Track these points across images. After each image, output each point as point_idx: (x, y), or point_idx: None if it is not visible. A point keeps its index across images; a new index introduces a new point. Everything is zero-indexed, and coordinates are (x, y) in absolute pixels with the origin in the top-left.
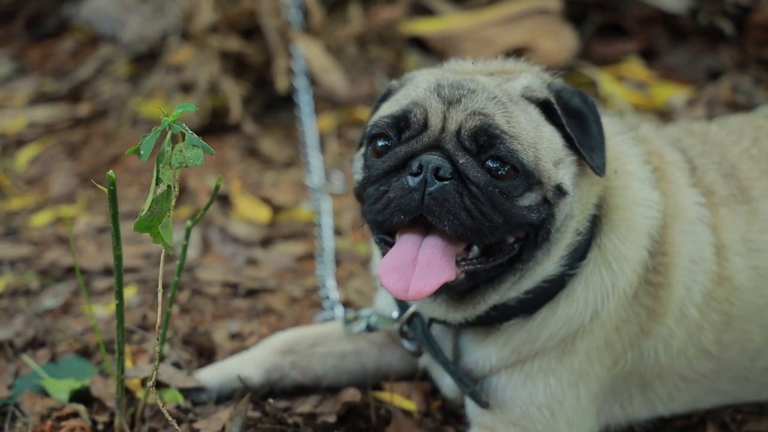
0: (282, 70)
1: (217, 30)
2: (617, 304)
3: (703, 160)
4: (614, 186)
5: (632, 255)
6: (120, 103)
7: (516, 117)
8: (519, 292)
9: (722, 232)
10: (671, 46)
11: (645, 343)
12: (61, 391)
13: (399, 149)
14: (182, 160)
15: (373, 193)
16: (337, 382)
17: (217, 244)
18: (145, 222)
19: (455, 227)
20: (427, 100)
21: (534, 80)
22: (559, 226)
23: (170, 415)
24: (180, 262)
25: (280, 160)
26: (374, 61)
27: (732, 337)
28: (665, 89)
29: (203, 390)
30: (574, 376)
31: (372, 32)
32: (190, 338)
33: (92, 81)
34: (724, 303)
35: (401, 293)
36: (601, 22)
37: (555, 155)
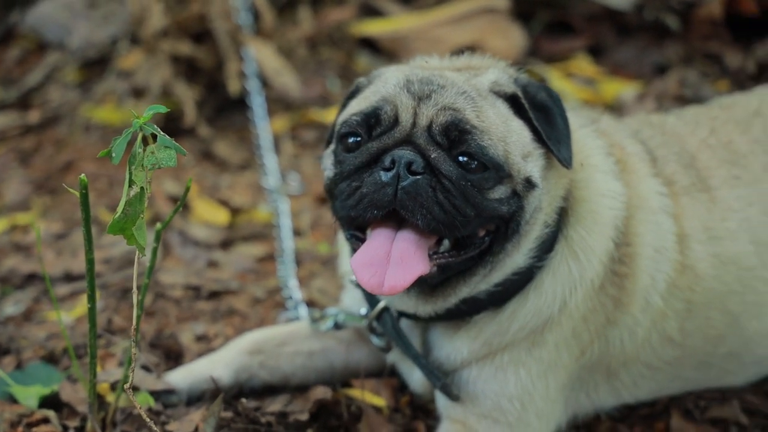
0: (233, 73)
1: (167, 34)
2: (584, 295)
3: (663, 151)
4: (579, 178)
5: (598, 246)
6: (70, 110)
7: (485, 111)
8: (489, 285)
9: (684, 221)
10: (618, 42)
11: (611, 332)
12: (29, 398)
13: (371, 145)
14: (155, 162)
15: (346, 189)
16: (305, 381)
17: (177, 248)
18: (118, 224)
19: (428, 221)
20: (397, 96)
21: (501, 75)
22: (528, 219)
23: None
24: (150, 264)
25: (235, 162)
26: (325, 63)
27: (695, 325)
28: (613, 85)
29: (173, 392)
30: (543, 367)
31: (322, 34)
32: (156, 341)
33: (41, 88)
34: (686, 291)
35: (376, 288)
36: (549, 20)
37: (524, 149)
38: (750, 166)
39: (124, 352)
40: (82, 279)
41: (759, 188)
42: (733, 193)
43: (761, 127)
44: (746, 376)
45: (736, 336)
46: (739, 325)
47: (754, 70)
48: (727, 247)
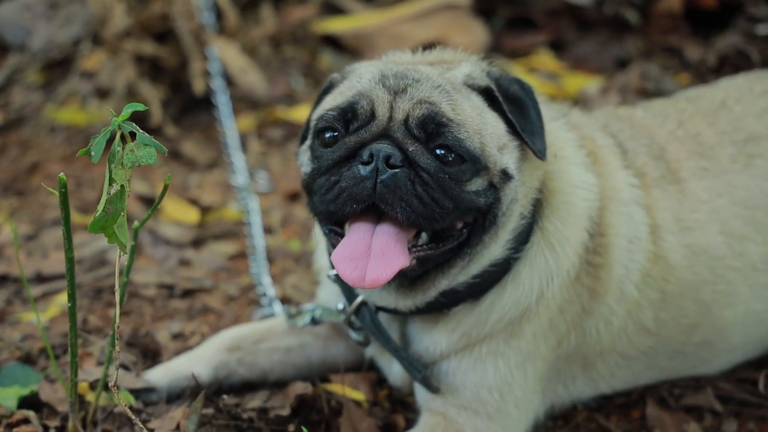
0: (198, 73)
1: (130, 34)
2: (561, 286)
3: (632, 143)
4: (553, 170)
5: (574, 237)
6: (34, 111)
7: (460, 104)
8: (467, 277)
9: (656, 212)
10: (579, 37)
11: (587, 322)
12: (8, 399)
13: (348, 139)
14: (135, 160)
15: (324, 183)
16: (283, 377)
17: (148, 247)
18: (99, 222)
19: (407, 214)
20: (373, 90)
21: (474, 68)
22: (505, 210)
23: (124, 417)
24: (128, 263)
25: (203, 161)
26: (289, 61)
27: (669, 314)
28: (576, 79)
29: (153, 390)
30: (522, 357)
31: (285, 32)
32: (133, 340)
33: (3, 90)
34: (660, 281)
35: (358, 282)
36: (510, 15)
37: (499, 141)
38: (717, 157)
39: (102, 352)
40: (53, 280)
41: (726, 179)
42: (701, 185)
43: (727, 119)
44: (719, 365)
45: (708, 325)
46: (712, 314)
47: (715, 63)
48: (698, 237)
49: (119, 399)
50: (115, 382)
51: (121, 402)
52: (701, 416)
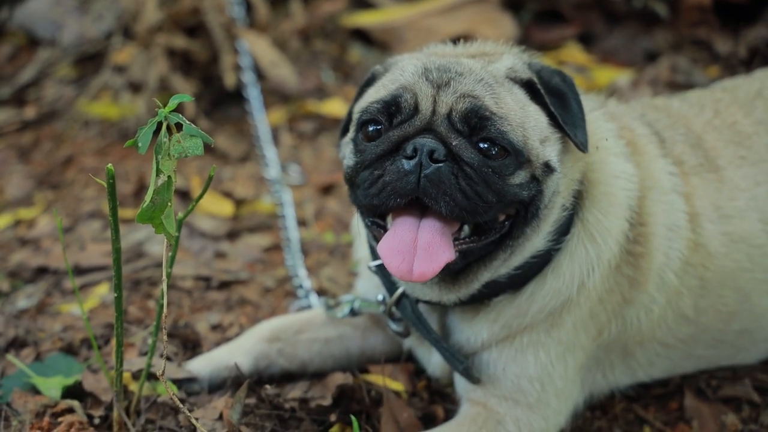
0: (229, 66)
1: (162, 28)
2: (602, 276)
3: (670, 132)
4: (593, 161)
5: (614, 227)
6: (66, 105)
7: (503, 98)
8: (509, 269)
9: (695, 200)
10: (608, 30)
11: (627, 311)
12: (52, 389)
13: (392, 133)
14: (181, 150)
15: (368, 177)
16: (322, 368)
17: (185, 239)
18: (147, 213)
19: (451, 208)
20: (416, 84)
21: (516, 61)
22: (547, 203)
23: (167, 406)
24: (172, 254)
25: (236, 154)
26: (318, 55)
27: (708, 302)
28: (605, 72)
29: (195, 380)
30: (562, 348)
31: (315, 26)
32: (174, 331)
33: (35, 84)
34: (699, 268)
35: (406, 275)
36: (539, 9)
37: (541, 133)
38: (755, 146)
39: (144, 342)
40: (91, 272)
41: (764, 168)
42: (739, 173)
43: (763, 108)
44: (758, 353)
45: (747, 313)
46: (751, 302)
47: (745, 55)
48: (737, 225)
49: (168, 388)
50: (163, 372)
51: (169, 391)
52: (739, 407)
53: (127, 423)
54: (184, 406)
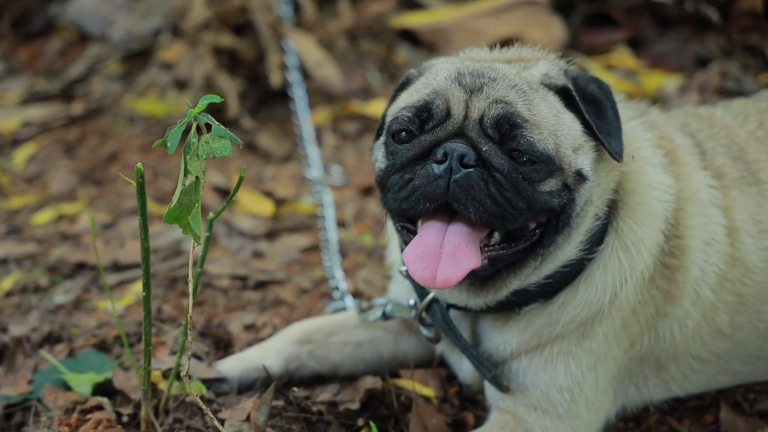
0: (275, 66)
1: (209, 27)
2: (635, 287)
3: (711, 143)
4: (629, 171)
5: (649, 238)
6: (113, 101)
7: (536, 105)
8: (539, 277)
9: (734, 213)
10: (658, 34)
11: (661, 324)
12: (82, 385)
13: (423, 138)
14: (210, 151)
15: (398, 181)
16: (353, 371)
17: (223, 238)
18: (174, 213)
19: (480, 214)
20: (449, 89)
21: (551, 67)
22: (579, 211)
23: (195, 406)
24: (202, 253)
25: (278, 154)
26: (365, 55)
27: (745, 318)
28: (654, 77)
29: (224, 380)
30: (593, 358)
31: (362, 26)
32: (206, 330)
33: (84, 80)
34: (737, 283)
35: (429, 282)
36: (589, 12)
37: (575, 141)
38: None
39: (175, 341)
40: (129, 269)
41: None
42: None
43: None
44: None
45: None
46: None
47: None
48: None
49: (191, 389)
50: (187, 372)
51: (192, 392)
52: None
53: (154, 422)
54: (209, 407)
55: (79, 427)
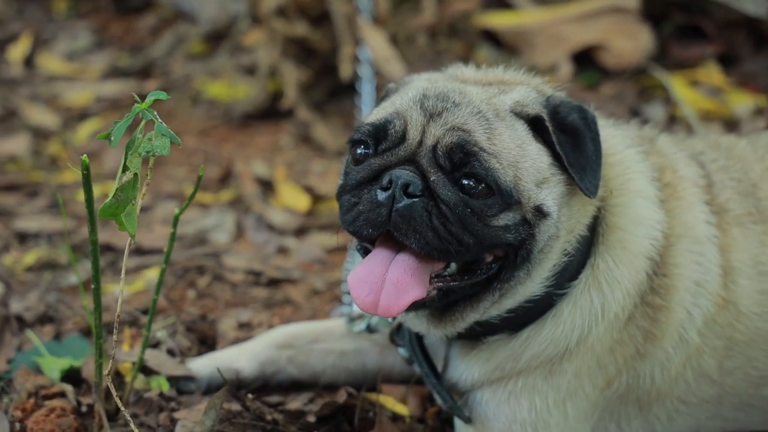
0: (347, 58)
1: (285, 14)
2: (608, 327)
3: (721, 175)
4: (615, 204)
5: (626, 278)
6: (187, 82)
7: (499, 134)
8: (500, 311)
9: (732, 253)
10: (752, 52)
11: (640, 365)
12: (53, 370)
13: (374, 161)
14: (150, 149)
15: (346, 203)
16: (335, 380)
17: (251, 231)
18: (110, 209)
19: (422, 245)
20: (409, 111)
21: (527, 94)
22: (542, 247)
23: (152, 403)
24: (168, 249)
25: (333, 148)
26: (443, 53)
27: (735, 363)
28: (740, 97)
29: (192, 379)
30: (561, 395)
31: (444, 23)
32: (192, 326)
33: (165, 58)
34: (727, 328)
35: (370, 308)
36: (681, 23)
37: (539, 175)
38: None
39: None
40: (151, 254)
41: None
42: None
43: None
44: None
45: None
46: None
47: None
48: None
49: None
50: (109, 372)
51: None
52: None
53: (102, 415)
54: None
55: (33, 413)
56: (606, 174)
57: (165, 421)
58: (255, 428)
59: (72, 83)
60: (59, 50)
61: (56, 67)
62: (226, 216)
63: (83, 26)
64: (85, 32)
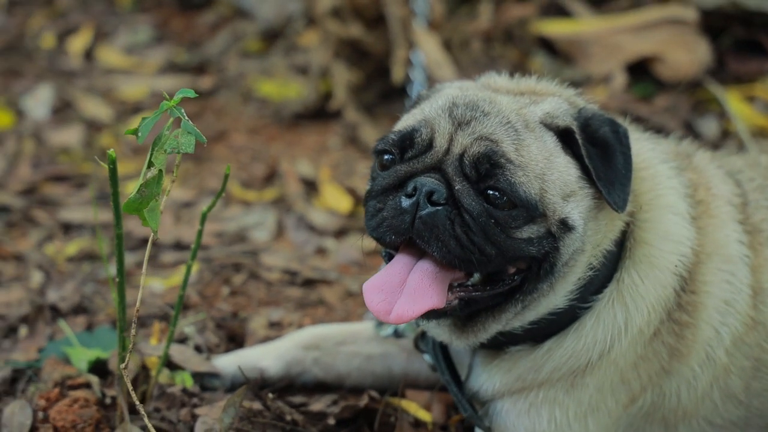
0: (400, 61)
1: (340, 15)
2: (631, 343)
3: (758, 195)
4: (645, 219)
5: (651, 293)
6: (241, 79)
7: (527, 145)
8: (523, 323)
9: (763, 274)
10: None
11: (666, 382)
12: (81, 360)
13: (400, 168)
14: (175, 146)
15: (371, 209)
16: (360, 384)
17: (291, 230)
18: (134, 204)
19: (443, 254)
20: (437, 119)
21: (558, 106)
22: (566, 260)
23: (174, 398)
24: (194, 246)
25: None
26: (497, 59)
27: (762, 385)
28: None
29: (217, 376)
30: (583, 409)
31: (499, 29)
32: (222, 323)
33: (221, 55)
34: (755, 348)
35: (383, 315)
36: (741, 37)
37: (566, 188)
38: None
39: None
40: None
41: None
42: None
43: None
44: None
45: None
46: None
47: None
48: None
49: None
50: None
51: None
52: None
53: (123, 409)
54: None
55: (57, 403)
56: (637, 188)
57: (186, 416)
58: (275, 428)
59: (128, 77)
60: (119, 44)
61: (115, 60)
62: (267, 214)
63: (145, 20)
64: (146, 27)
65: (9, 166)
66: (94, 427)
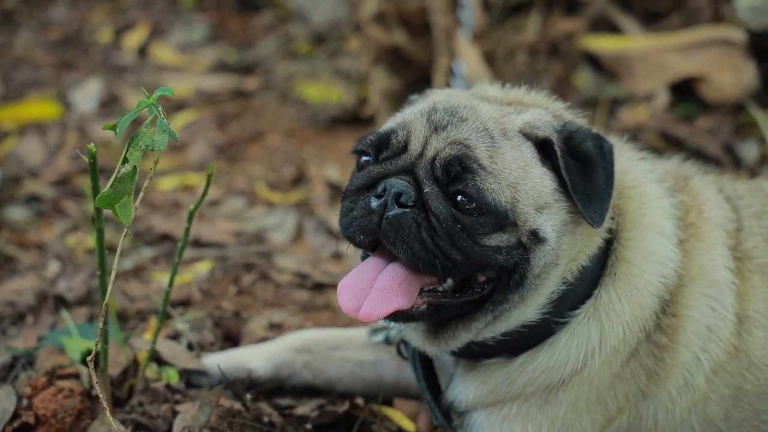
0: (442, 70)
1: (384, 22)
2: (605, 361)
3: (752, 221)
4: (628, 237)
5: (627, 312)
6: (287, 81)
7: (502, 153)
8: (495, 334)
9: (750, 301)
10: None
11: (643, 405)
12: (75, 351)
13: (373, 168)
14: (149, 143)
15: (344, 208)
16: (351, 390)
17: (310, 233)
18: (107, 199)
19: (408, 256)
20: (415, 122)
21: (540, 117)
22: (537, 273)
23: (158, 393)
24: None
25: None
26: (541, 73)
27: (743, 414)
28: None
29: (205, 374)
30: (557, 427)
31: (545, 42)
32: (221, 321)
33: (270, 56)
34: (737, 377)
35: (352, 312)
36: None
37: (539, 199)
38: None
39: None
40: (208, 247)
41: None
42: None
43: None
44: None
45: None
46: None
47: None
48: None
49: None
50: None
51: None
52: None
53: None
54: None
55: (42, 391)
56: (624, 207)
57: (166, 412)
58: (252, 429)
59: (178, 74)
60: (173, 41)
61: (167, 57)
62: (288, 217)
63: (202, 20)
64: (202, 26)
65: (49, 156)
66: (75, 417)
